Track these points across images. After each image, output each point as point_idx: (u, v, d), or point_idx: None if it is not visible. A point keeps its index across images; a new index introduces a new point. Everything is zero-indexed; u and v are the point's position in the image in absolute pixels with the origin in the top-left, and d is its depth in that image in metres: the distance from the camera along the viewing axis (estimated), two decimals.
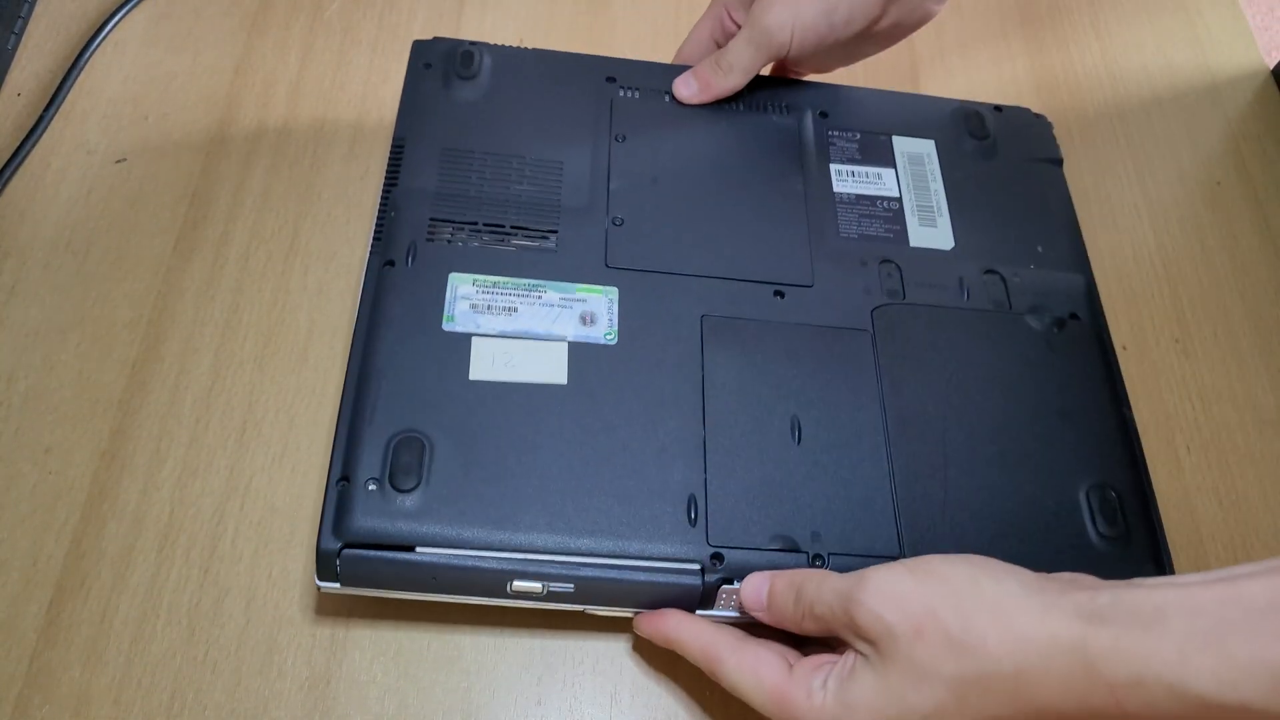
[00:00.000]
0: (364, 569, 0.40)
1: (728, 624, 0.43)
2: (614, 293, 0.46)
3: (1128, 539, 0.43)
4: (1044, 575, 0.35)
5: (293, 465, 0.46)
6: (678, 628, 0.40)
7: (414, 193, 0.48)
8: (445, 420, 0.41)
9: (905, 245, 0.50)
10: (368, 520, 0.39)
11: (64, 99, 0.55)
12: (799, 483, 0.42)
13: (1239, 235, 0.58)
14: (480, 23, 0.62)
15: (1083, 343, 0.48)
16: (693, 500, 0.41)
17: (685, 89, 0.53)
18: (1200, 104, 0.63)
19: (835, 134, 0.53)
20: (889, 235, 0.50)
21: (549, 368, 0.43)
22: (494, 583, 0.40)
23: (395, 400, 0.42)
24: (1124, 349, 0.53)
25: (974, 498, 0.43)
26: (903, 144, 0.54)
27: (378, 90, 0.58)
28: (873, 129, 0.54)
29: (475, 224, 0.47)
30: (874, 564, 0.41)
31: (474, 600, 0.41)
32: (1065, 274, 0.50)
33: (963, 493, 0.43)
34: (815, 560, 0.41)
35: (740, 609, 0.40)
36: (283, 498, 0.45)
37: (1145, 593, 0.32)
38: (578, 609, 0.42)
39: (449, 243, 0.46)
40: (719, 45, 0.53)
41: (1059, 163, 0.54)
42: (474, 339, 0.44)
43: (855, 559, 0.41)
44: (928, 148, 0.54)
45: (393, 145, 0.49)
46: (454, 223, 0.47)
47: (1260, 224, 0.59)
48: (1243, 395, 0.52)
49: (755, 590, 0.39)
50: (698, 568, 0.40)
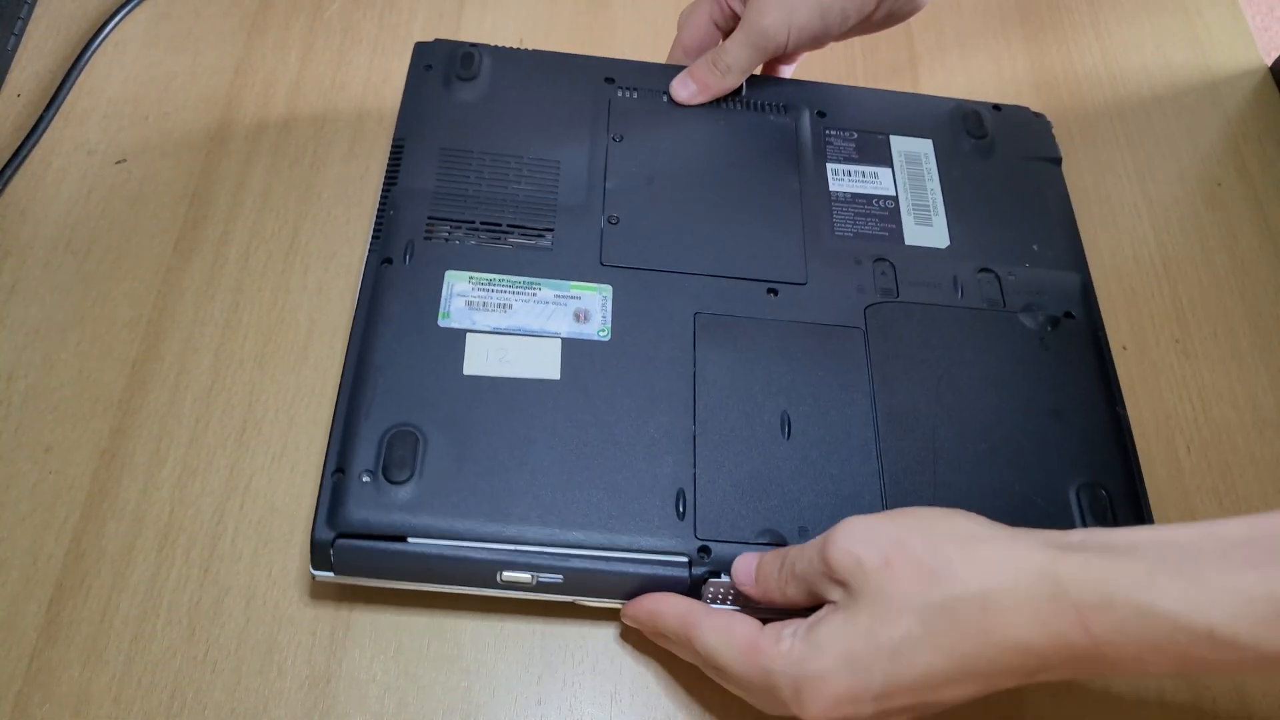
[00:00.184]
0: (357, 558, 0.40)
1: None
2: (608, 290, 0.46)
3: None
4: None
5: (292, 465, 0.46)
6: (658, 600, 0.41)
7: (413, 192, 0.48)
8: (439, 414, 0.42)
9: (900, 244, 0.50)
10: (361, 511, 0.40)
11: (64, 99, 0.56)
12: (787, 478, 0.43)
13: (1239, 235, 0.58)
14: (480, 22, 0.62)
15: (1077, 341, 0.48)
16: (681, 494, 0.42)
17: (683, 90, 0.53)
18: (1200, 104, 0.63)
19: (832, 133, 0.53)
20: (884, 234, 0.50)
21: (542, 363, 0.44)
22: (484, 573, 0.41)
23: (390, 394, 0.42)
24: (1124, 349, 0.53)
25: (963, 495, 0.43)
26: (900, 143, 0.54)
27: (378, 90, 0.58)
28: (870, 128, 0.54)
29: (472, 223, 0.47)
30: None
31: (465, 590, 0.42)
32: (1061, 272, 0.50)
33: (952, 489, 0.43)
34: None
35: (731, 588, 0.41)
36: (282, 497, 0.45)
37: (1118, 532, 0.32)
38: (567, 600, 0.42)
39: (446, 241, 0.47)
40: (718, 27, 0.53)
41: (1057, 161, 0.54)
42: (469, 335, 0.44)
43: None
44: (925, 147, 0.54)
45: (393, 145, 0.50)
46: (451, 221, 0.47)
47: (1260, 224, 0.59)
48: (1243, 395, 0.52)
49: (745, 565, 0.40)
50: (685, 560, 0.41)
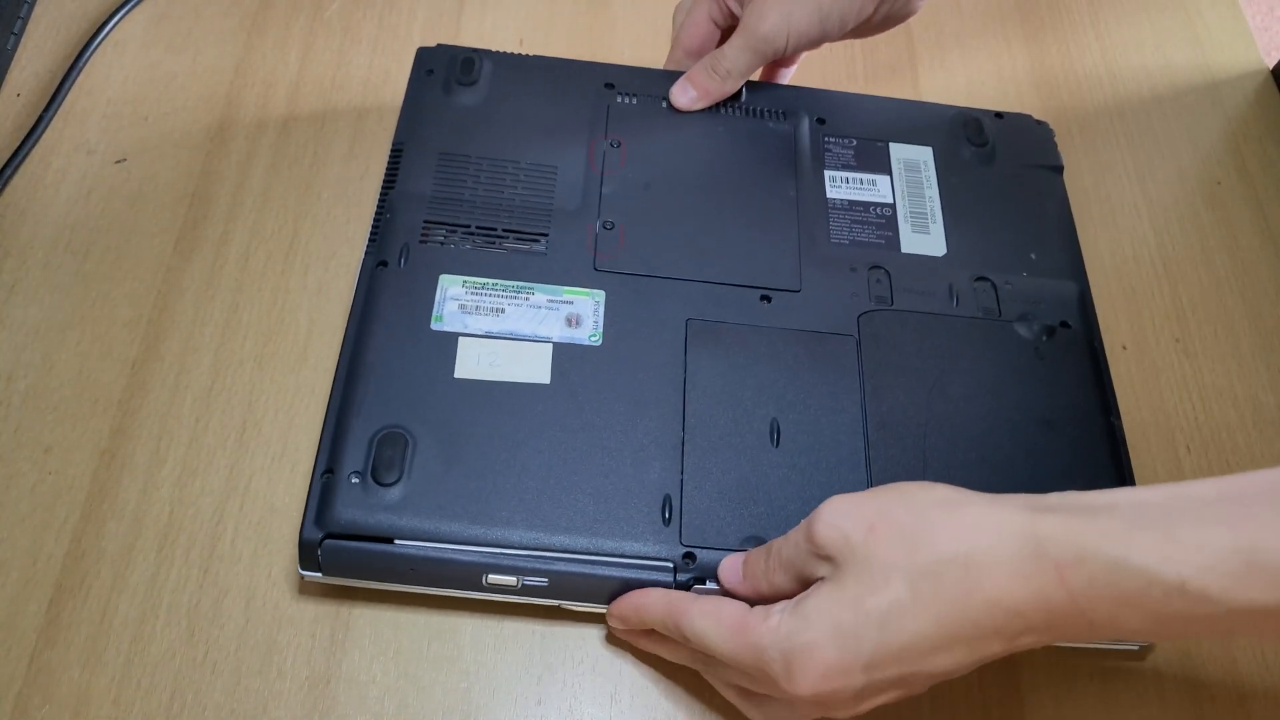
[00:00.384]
0: (344, 559, 0.41)
1: None
2: (601, 295, 0.46)
3: None
4: None
5: (292, 465, 0.46)
6: (643, 594, 0.40)
7: (410, 196, 0.48)
8: (429, 417, 0.42)
9: (896, 251, 0.50)
10: (348, 512, 0.40)
11: (64, 99, 0.55)
12: (774, 485, 0.43)
13: (1239, 235, 0.58)
14: (480, 23, 0.62)
15: (1073, 351, 0.48)
16: (668, 500, 0.42)
17: (683, 96, 0.53)
18: (1200, 104, 0.63)
19: (831, 140, 0.53)
20: (880, 241, 0.50)
21: (533, 368, 0.44)
22: (470, 575, 0.41)
23: (381, 396, 0.42)
24: (1124, 348, 0.53)
25: None
26: (899, 151, 0.54)
27: (378, 90, 0.58)
28: (870, 135, 0.54)
29: (468, 226, 0.48)
30: None
31: (451, 593, 0.42)
32: (1058, 281, 0.50)
33: None
34: None
35: (717, 584, 0.41)
36: (282, 498, 0.45)
37: (1095, 494, 0.33)
38: (553, 603, 0.42)
39: (441, 245, 0.47)
40: (717, 25, 0.53)
41: (1059, 170, 0.54)
42: (461, 338, 0.44)
43: None
44: (925, 154, 0.54)
45: (392, 149, 0.50)
46: (447, 225, 0.48)
47: (1260, 224, 0.59)
48: (1243, 395, 0.52)
49: (731, 563, 0.40)
50: (670, 566, 0.41)
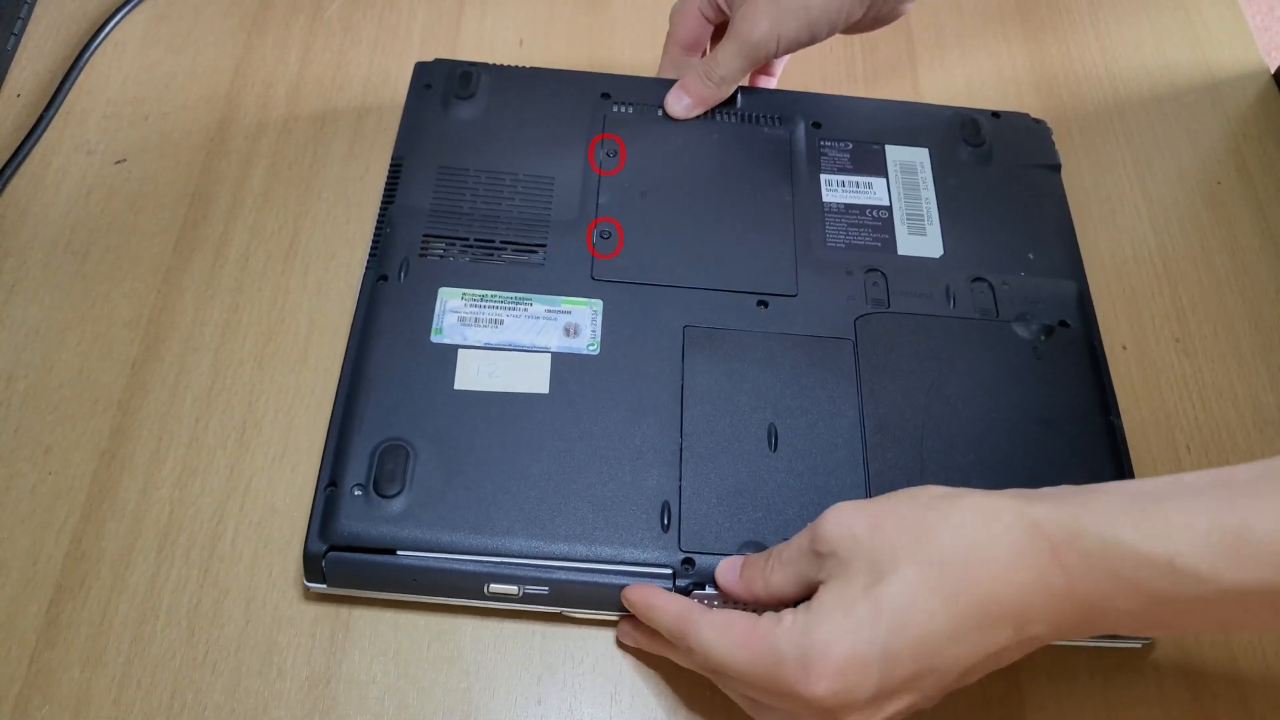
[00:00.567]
0: (349, 571, 0.41)
1: None
2: (598, 305, 0.46)
3: None
4: None
5: (292, 465, 0.46)
6: (657, 594, 0.40)
7: (409, 210, 0.49)
8: (429, 429, 0.43)
9: (893, 254, 0.50)
10: (352, 524, 0.41)
11: (64, 99, 0.55)
12: (773, 490, 0.43)
13: (1239, 235, 0.58)
14: (480, 23, 0.62)
15: (1071, 350, 0.48)
16: (666, 506, 0.42)
17: (678, 105, 0.53)
18: (1200, 104, 0.63)
19: (827, 144, 0.53)
20: (876, 244, 0.50)
21: (532, 378, 0.44)
22: (471, 585, 0.41)
23: (382, 410, 0.43)
24: (1124, 348, 0.53)
25: None
26: (896, 153, 0.54)
27: (378, 90, 0.58)
28: (866, 138, 0.54)
29: (466, 239, 0.48)
30: None
31: (453, 601, 0.42)
32: (1056, 281, 0.50)
33: None
34: None
35: (715, 599, 0.41)
36: (282, 498, 0.45)
37: (1087, 485, 0.35)
38: (555, 611, 0.42)
39: (441, 258, 0.47)
40: (708, 20, 0.54)
41: (1057, 169, 0.54)
42: (460, 350, 0.45)
43: None
44: (921, 156, 0.54)
45: (391, 164, 0.50)
46: (446, 238, 0.48)
47: (1260, 224, 0.59)
48: (1243, 394, 0.52)
49: (729, 566, 0.40)
50: (669, 572, 0.41)
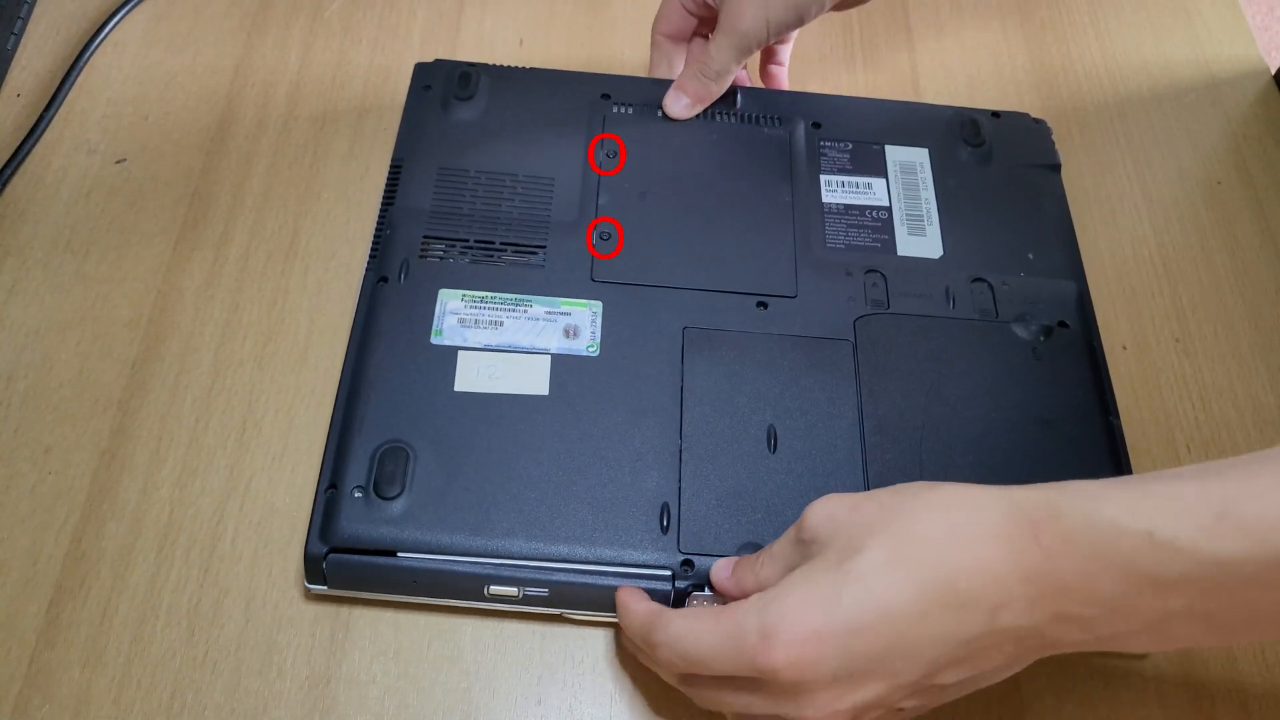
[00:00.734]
0: (349, 572, 0.41)
1: None
2: (598, 306, 0.46)
3: None
4: None
5: (293, 465, 0.46)
6: (629, 596, 0.40)
7: (409, 212, 0.49)
8: (429, 430, 0.43)
9: (893, 254, 0.50)
10: (352, 526, 0.41)
11: (64, 99, 0.55)
12: (772, 491, 0.43)
13: (1239, 235, 0.58)
14: (480, 23, 0.62)
15: (1071, 351, 0.48)
16: (666, 508, 0.42)
17: (676, 105, 0.53)
18: (1200, 103, 0.63)
19: (827, 144, 0.53)
20: (876, 245, 0.50)
21: (531, 379, 0.44)
22: (471, 587, 0.41)
23: (382, 412, 0.43)
24: (1124, 348, 0.53)
25: None
26: (895, 153, 0.54)
27: (378, 90, 0.58)
28: (865, 139, 0.54)
29: (466, 241, 0.48)
30: None
31: (454, 603, 0.42)
32: (1056, 281, 0.50)
33: None
34: None
35: (713, 601, 0.41)
36: (282, 498, 0.45)
37: (1072, 481, 0.34)
38: (554, 612, 0.42)
39: (441, 259, 0.47)
40: (690, 12, 0.54)
41: (1056, 168, 0.54)
42: (460, 352, 0.45)
43: None
44: (921, 156, 0.53)
45: (391, 165, 0.50)
46: (446, 240, 0.48)
47: (1260, 224, 0.59)
48: (1243, 394, 0.52)
49: (723, 565, 0.40)
50: (669, 574, 0.41)
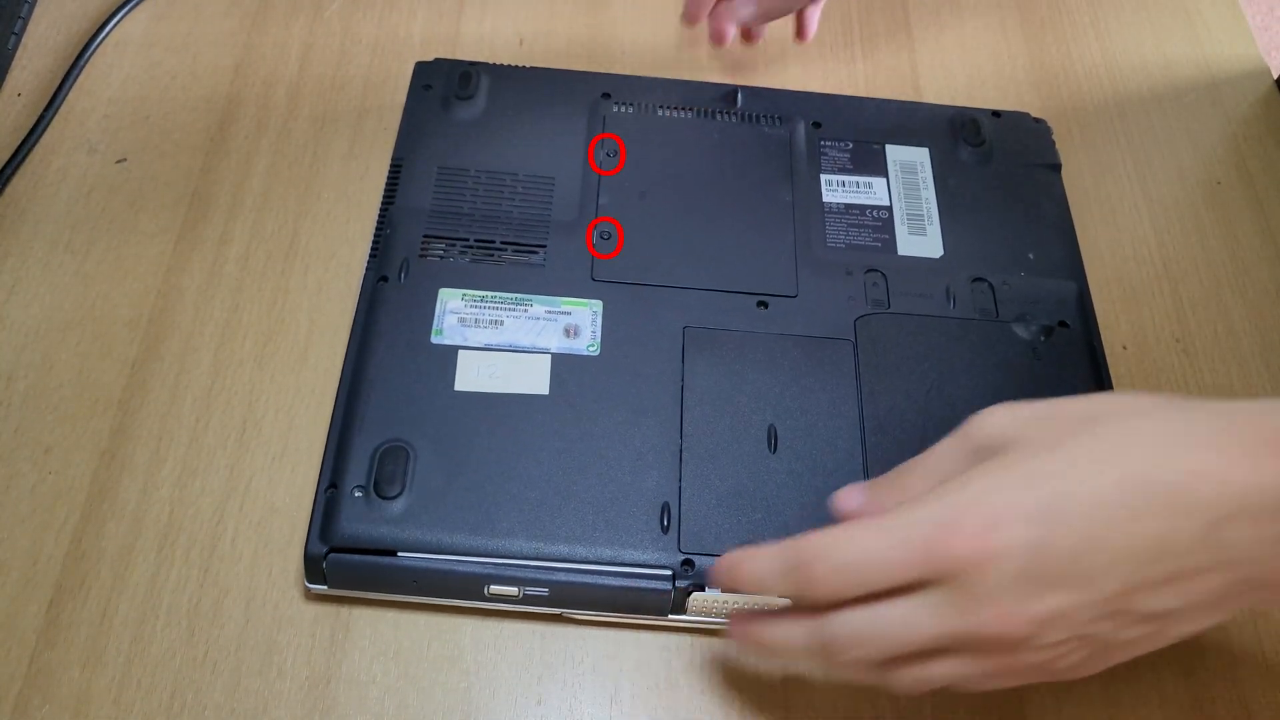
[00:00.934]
0: (349, 572, 0.41)
1: (698, 629, 0.43)
2: (598, 305, 0.46)
3: None
4: None
5: (293, 465, 0.46)
6: (748, 557, 0.35)
7: (409, 211, 0.49)
8: (429, 430, 0.43)
9: (893, 254, 0.50)
10: (352, 526, 0.41)
11: (64, 99, 0.55)
12: (772, 491, 0.43)
13: (1239, 235, 0.58)
14: (480, 22, 0.62)
15: (1071, 350, 0.48)
16: (666, 508, 0.42)
17: (746, 8, 0.54)
18: (1200, 103, 0.63)
19: (827, 144, 0.53)
20: (877, 244, 0.50)
21: (532, 379, 0.44)
22: (471, 586, 0.41)
23: (382, 411, 0.43)
24: (1124, 348, 0.53)
25: None
26: (896, 152, 0.54)
27: (378, 90, 0.58)
28: (866, 138, 0.54)
29: (467, 240, 0.48)
30: None
31: (454, 603, 0.42)
32: (1056, 281, 0.50)
33: None
34: None
35: (717, 603, 0.41)
36: (283, 498, 0.45)
37: None
38: (555, 613, 0.42)
39: (441, 258, 0.47)
40: None
41: (1057, 168, 0.54)
42: (460, 351, 0.45)
43: None
44: (921, 155, 0.53)
45: (391, 165, 0.50)
46: (446, 239, 0.48)
47: (1260, 224, 0.59)
48: (1243, 394, 0.52)
49: (849, 493, 0.36)
50: (669, 574, 0.41)
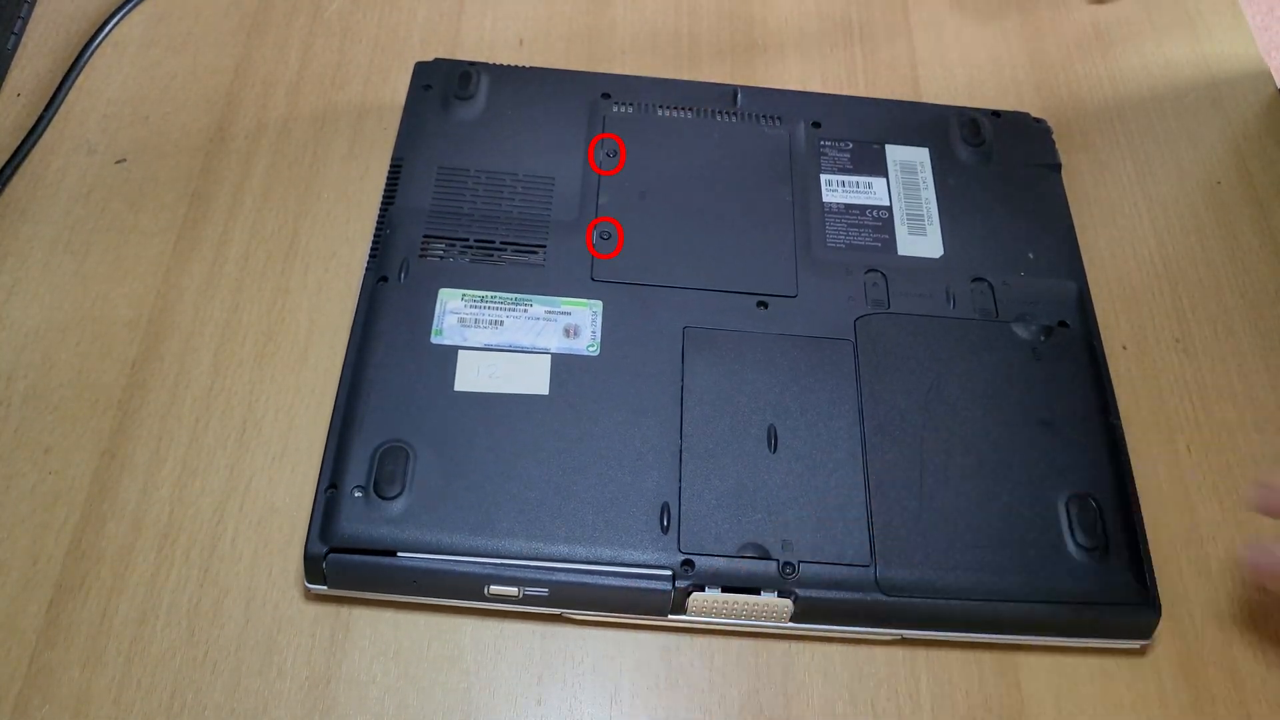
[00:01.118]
0: (349, 572, 0.41)
1: (698, 629, 0.43)
2: (598, 306, 0.46)
3: (1106, 550, 0.43)
4: None
5: (293, 465, 0.46)
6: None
7: (409, 211, 0.49)
8: (429, 430, 0.43)
9: (893, 254, 0.50)
10: (352, 526, 0.41)
11: (64, 99, 0.55)
12: (772, 491, 0.43)
13: (1239, 235, 0.58)
14: (481, 22, 0.62)
15: (1071, 350, 0.48)
16: (666, 508, 0.42)
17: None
18: (1200, 104, 0.63)
19: (827, 144, 0.53)
20: (877, 244, 0.50)
21: (532, 379, 0.44)
22: (471, 586, 0.41)
23: (382, 411, 0.43)
24: (1124, 349, 0.53)
25: (950, 507, 0.43)
26: (895, 152, 0.53)
27: (378, 90, 0.58)
28: (866, 138, 0.54)
29: (466, 240, 0.48)
30: (845, 573, 0.41)
31: (454, 603, 0.42)
32: (1056, 281, 0.50)
33: (938, 502, 0.43)
34: (785, 568, 0.41)
35: (720, 603, 0.41)
36: (283, 498, 0.45)
37: None
38: (555, 613, 0.42)
39: (441, 259, 0.47)
40: None
41: (1057, 168, 0.54)
42: (460, 351, 0.45)
43: (825, 567, 0.41)
44: (921, 155, 0.53)
45: (391, 165, 0.50)
46: (446, 239, 0.48)
47: (1260, 224, 0.59)
48: (1243, 395, 0.52)
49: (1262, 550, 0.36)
50: (669, 574, 0.41)
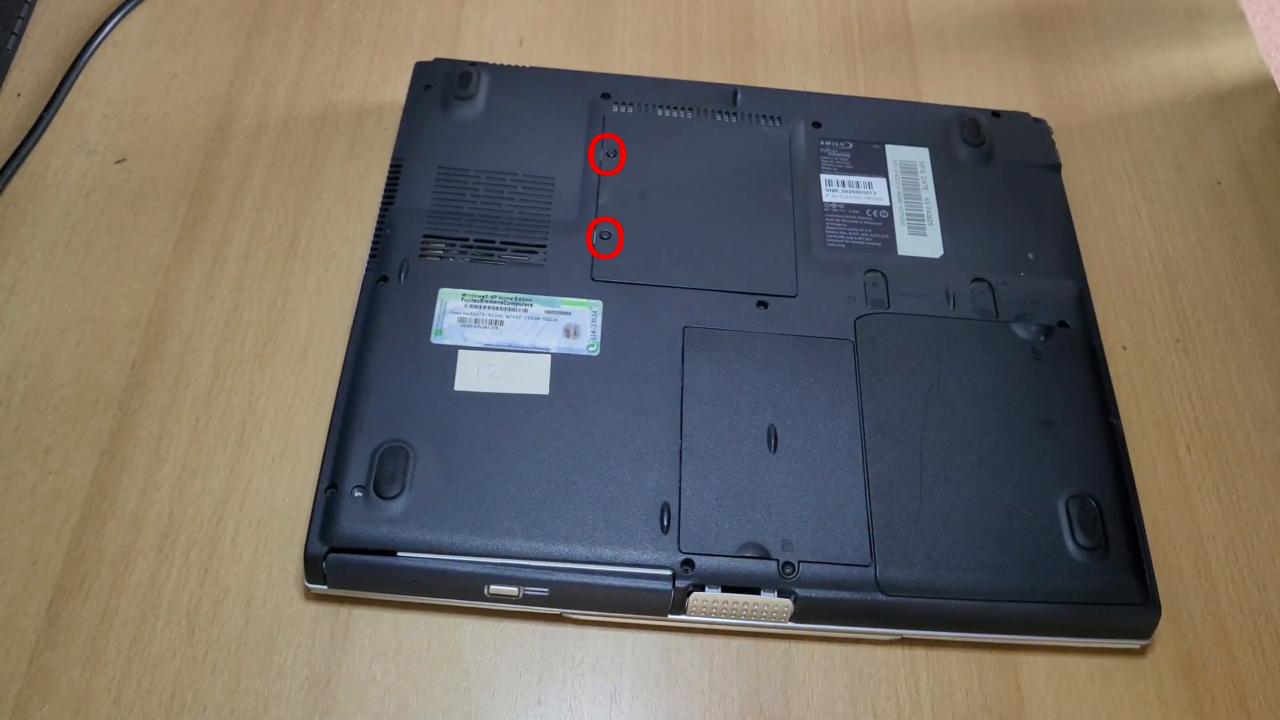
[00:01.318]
0: (349, 572, 0.41)
1: (698, 629, 0.43)
2: (598, 305, 0.46)
3: (1106, 550, 0.43)
4: None
5: (293, 465, 0.46)
6: None
7: (409, 211, 0.49)
8: (429, 430, 0.43)
9: (893, 254, 0.50)
10: (352, 526, 0.41)
11: (64, 99, 0.55)
12: (772, 491, 0.43)
13: (1239, 235, 0.58)
14: (480, 22, 0.62)
15: (1071, 350, 0.48)
16: (666, 508, 0.42)
17: None
18: (1200, 104, 0.63)
19: (827, 144, 0.53)
20: (877, 244, 0.50)
21: (532, 379, 0.44)
22: (471, 586, 0.41)
23: (382, 411, 0.43)
24: (1124, 349, 0.53)
25: (949, 507, 0.43)
26: (895, 152, 0.53)
27: (378, 90, 0.58)
28: (865, 138, 0.54)
29: (466, 240, 0.48)
30: (845, 572, 0.41)
31: (454, 603, 0.42)
32: (1056, 281, 0.50)
33: (938, 502, 0.43)
34: (785, 568, 0.41)
35: (719, 603, 0.41)
36: (283, 498, 0.45)
37: None
38: (555, 613, 0.42)
39: (441, 259, 0.47)
40: None
41: (1057, 168, 0.54)
42: (460, 351, 0.45)
43: (826, 567, 0.41)
44: (921, 155, 0.53)
45: (391, 165, 0.50)
46: (446, 239, 0.48)
47: (1260, 224, 0.59)
48: (1243, 395, 0.52)
49: None
50: (669, 574, 0.41)
